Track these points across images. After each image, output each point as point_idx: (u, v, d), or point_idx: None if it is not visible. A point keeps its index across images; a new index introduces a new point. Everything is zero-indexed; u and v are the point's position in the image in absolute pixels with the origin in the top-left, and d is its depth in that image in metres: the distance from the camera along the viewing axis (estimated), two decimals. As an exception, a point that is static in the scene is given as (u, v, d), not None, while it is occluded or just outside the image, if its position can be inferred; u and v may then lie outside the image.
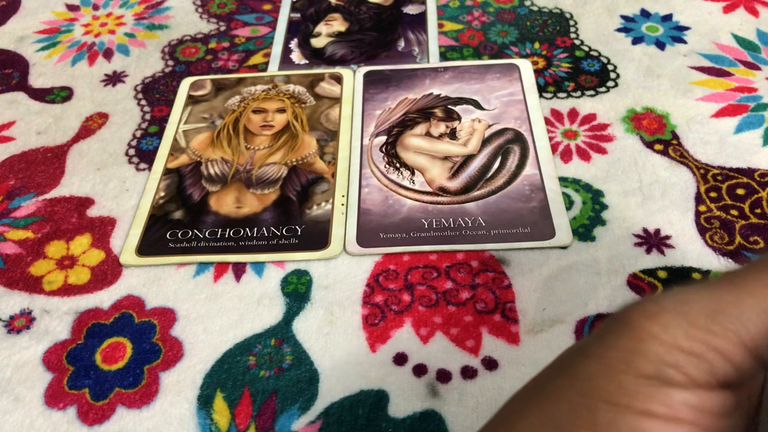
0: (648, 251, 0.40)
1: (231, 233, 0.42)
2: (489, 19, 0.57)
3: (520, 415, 0.18)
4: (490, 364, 0.35)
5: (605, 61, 0.52)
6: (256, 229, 0.42)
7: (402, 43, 0.56)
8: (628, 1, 0.58)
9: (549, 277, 0.39)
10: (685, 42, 0.53)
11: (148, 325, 0.38)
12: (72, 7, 0.63)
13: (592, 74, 0.51)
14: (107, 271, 0.41)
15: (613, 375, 0.16)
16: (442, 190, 0.43)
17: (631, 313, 0.16)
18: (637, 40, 0.54)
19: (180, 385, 0.36)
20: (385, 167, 0.45)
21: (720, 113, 0.47)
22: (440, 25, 0.57)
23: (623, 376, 0.15)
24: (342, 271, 0.40)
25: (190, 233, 0.42)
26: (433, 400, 0.34)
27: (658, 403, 0.15)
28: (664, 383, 0.15)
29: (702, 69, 0.51)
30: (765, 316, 0.15)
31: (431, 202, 0.43)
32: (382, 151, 0.46)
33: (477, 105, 0.49)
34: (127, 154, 0.48)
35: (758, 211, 0.41)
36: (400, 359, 0.36)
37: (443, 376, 0.35)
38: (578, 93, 0.50)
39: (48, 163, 0.48)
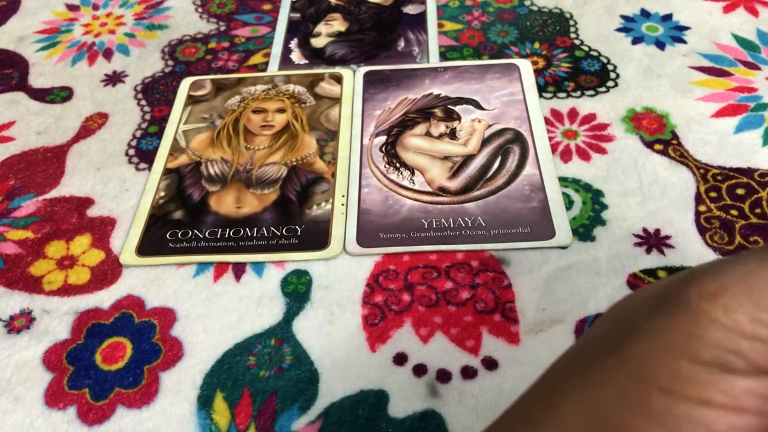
0: (648, 251, 0.40)
1: (231, 233, 0.42)
2: (489, 19, 0.57)
3: (561, 398, 0.17)
4: (491, 364, 0.35)
5: (605, 61, 0.52)
6: (256, 229, 0.42)
7: (402, 43, 0.56)
8: (628, 1, 0.58)
9: (549, 277, 0.39)
10: (685, 42, 0.53)
11: (148, 325, 0.38)
12: (72, 7, 0.63)
13: (592, 74, 0.51)
14: (107, 271, 0.41)
15: (669, 360, 0.14)
16: (442, 190, 0.43)
17: (688, 293, 0.15)
18: (637, 40, 0.54)
19: (180, 385, 0.36)
20: (385, 167, 0.45)
21: (720, 113, 0.47)
22: (440, 25, 0.57)
23: (680, 362, 0.14)
24: (342, 271, 0.40)
25: (190, 233, 0.42)
26: (433, 400, 0.34)
27: (718, 391, 0.14)
28: (724, 370, 0.14)
29: (702, 69, 0.51)
30: None
31: (431, 202, 0.43)
32: (382, 151, 0.46)
33: (477, 105, 0.49)
34: (127, 154, 0.48)
35: (758, 211, 0.41)
36: (400, 359, 0.36)
37: (443, 376, 0.35)
38: (578, 93, 0.50)
39: (48, 163, 0.48)
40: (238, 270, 0.40)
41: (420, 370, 0.35)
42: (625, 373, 0.15)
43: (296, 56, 0.56)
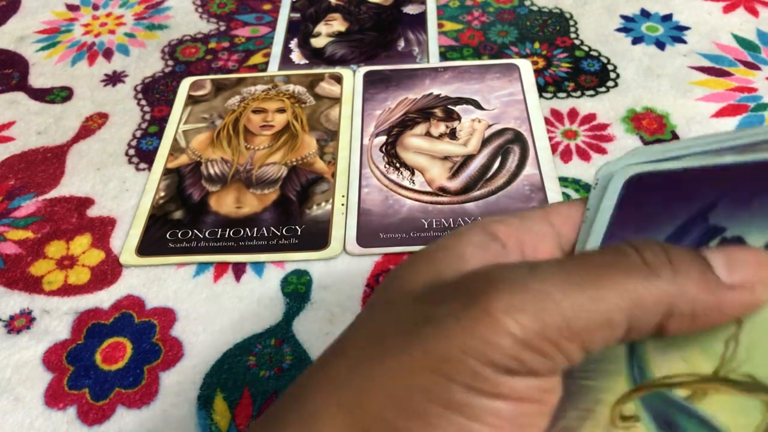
0: (648, 251, 0.40)
1: (231, 233, 0.42)
2: (489, 19, 0.57)
3: (369, 384, 0.19)
4: (490, 364, 0.35)
5: (605, 61, 0.52)
6: (256, 229, 0.42)
7: (402, 43, 0.56)
8: (628, 1, 0.58)
9: (549, 277, 0.39)
10: (685, 42, 0.53)
11: (148, 325, 0.38)
12: (72, 7, 0.63)
13: (592, 74, 0.51)
14: (107, 271, 0.41)
15: (469, 361, 0.17)
16: (442, 190, 0.43)
17: (493, 304, 0.17)
18: (637, 40, 0.54)
19: (180, 385, 0.36)
20: (385, 167, 0.45)
21: (720, 113, 0.47)
22: (440, 25, 0.57)
23: (477, 364, 0.17)
24: (342, 271, 0.40)
25: (190, 233, 0.42)
26: (433, 400, 0.34)
27: (506, 387, 0.18)
28: (509, 373, 0.18)
29: (702, 69, 0.51)
30: (605, 326, 0.18)
31: (431, 202, 0.43)
32: (382, 151, 0.46)
33: (477, 105, 0.49)
34: (127, 154, 0.48)
35: (758, 211, 0.41)
36: (400, 359, 0.36)
37: (443, 376, 0.35)
38: (578, 93, 0.50)
39: (48, 163, 0.48)
40: (238, 270, 0.40)
41: (420, 370, 0.35)
42: (431, 368, 0.18)
43: (296, 56, 0.56)
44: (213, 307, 0.39)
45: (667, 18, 0.56)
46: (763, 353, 0.18)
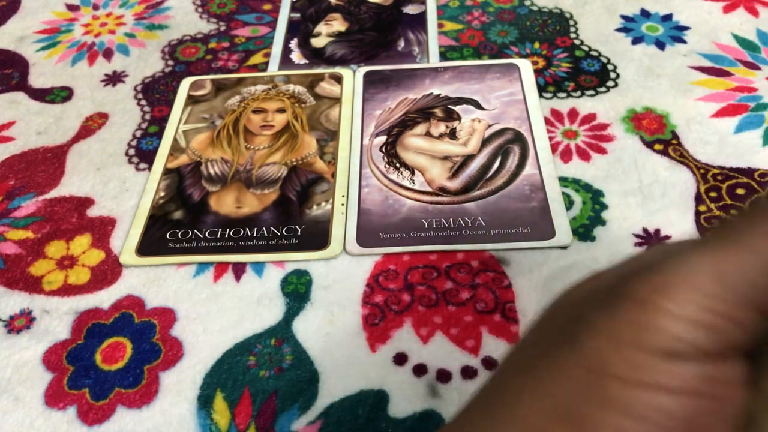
0: (648, 251, 0.40)
1: (231, 233, 0.42)
2: (489, 19, 0.57)
3: (521, 394, 0.17)
4: (491, 364, 0.35)
5: (605, 61, 0.52)
6: (256, 229, 0.42)
7: (402, 43, 0.56)
8: (628, 1, 0.58)
9: (549, 277, 0.39)
10: (685, 42, 0.53)
11: (148, 325, 0.38)
12: (72, 7, 0.63)
13: (592, 74, 0.51)
14: (107, 271, 0.41)
15: (624, 350, 0.15)
16: (442, 190, 0.43)
17: (638, 286, 0.16)
18: (637, 40, 0.54)
19: (180, 385, 0.36)
20: (385, 167, 0.45)
21: (720, 113, 0.47)
22: (440, 25, 0.57)
23: (635, 352, 0.15)
24: (342, 271, 0.40)
25: (190, 233, 0.42)
26: (433, 400, 0.34)
27: (671, 376, 0.15)
28: (674, 357, 0.15)
29: (702, 69, 0.51)
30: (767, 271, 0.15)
31: (431, 202, 0.43)
32: (382, 151, 0.46)
33: (477, 105, 0.49)
34: (127, 154, 0.48)
35: (758, 211, 0.41)
36: (400, 359, 0.36)
37: (443, 376, 0.35)
38: (578, 93, 0.50)
39: (48, 163, 0.48)
40: (238, 270, 0.40)
41: (420, 370, 0.35)
42: (582, 366, 0.16)
43: (296, 56, 0.56)
44: (213, 307, 0.39)
45: (667, 18, 0.56)
46: None
